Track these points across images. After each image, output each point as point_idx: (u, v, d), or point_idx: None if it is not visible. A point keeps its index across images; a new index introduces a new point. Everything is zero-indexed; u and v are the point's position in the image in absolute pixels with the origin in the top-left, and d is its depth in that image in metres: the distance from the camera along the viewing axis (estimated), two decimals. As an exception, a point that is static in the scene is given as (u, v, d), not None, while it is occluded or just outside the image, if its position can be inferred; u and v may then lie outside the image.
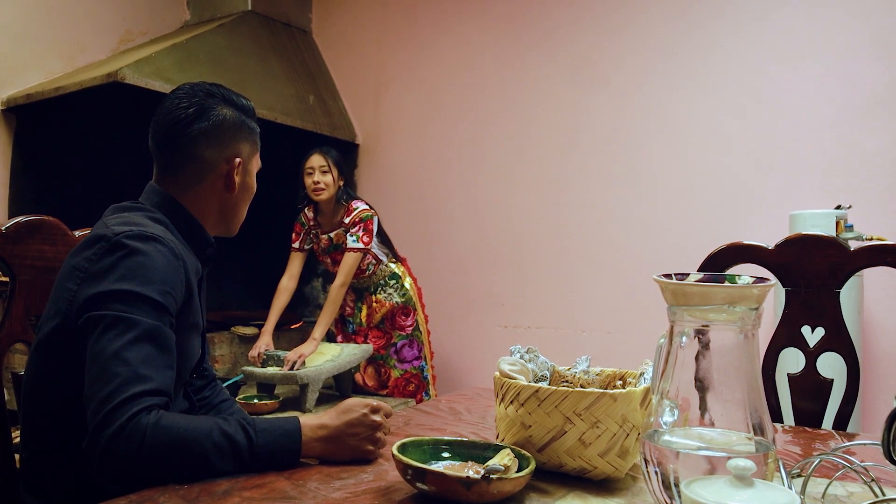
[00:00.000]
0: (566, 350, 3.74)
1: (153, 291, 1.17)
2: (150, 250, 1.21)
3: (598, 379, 1.27)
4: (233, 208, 1.46)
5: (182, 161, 1.38)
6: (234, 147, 1.41)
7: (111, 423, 1.03)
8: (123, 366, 1.08)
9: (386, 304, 3.49)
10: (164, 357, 1.15)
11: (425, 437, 1.12)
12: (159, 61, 3.37)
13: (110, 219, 1.32)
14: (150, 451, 1.02)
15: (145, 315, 1.14)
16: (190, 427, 1.06)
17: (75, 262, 1.25)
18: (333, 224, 3.46)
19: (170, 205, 1.38)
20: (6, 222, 1.50)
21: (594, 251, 3.69)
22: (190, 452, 1.04)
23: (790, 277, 1.68)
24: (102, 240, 1.23)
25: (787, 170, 3.24)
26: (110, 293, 1.15)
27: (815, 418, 1.64)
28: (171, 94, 1.41)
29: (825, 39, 3.18)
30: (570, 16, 3.80)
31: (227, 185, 1.41)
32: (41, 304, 1.54)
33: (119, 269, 1.18)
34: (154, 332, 1.14)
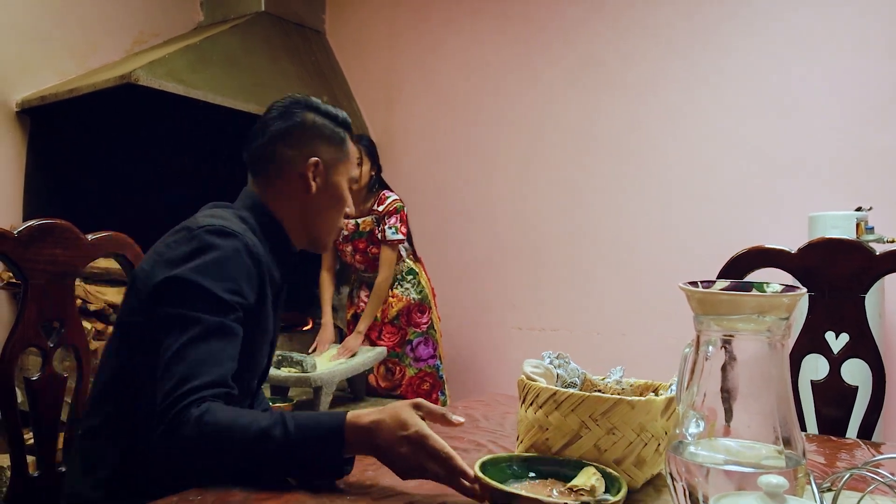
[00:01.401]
0: (581, 352, 3.70)
1: (220, 288, 1.20)
2: (226, 246, 1.25)
3: (630, 389, 1.24)
4: (316, 214, 1.46)
5: (262, 160, 1.44)
6: (312, 148, 1.43)
7: (163, 419, 1.08)
8: (182, 364, 1.12)
9: (403, 298, 3.46)
10: (227, 350, 1.18)
11: (503, 454, 1.07)
12: (172, 62, 3.36)
13: (201, 212, 1.40)
14: (190, 445, 1.06)
15: (208, 312, 1.18)
16: (232, 420, 1.07)
17: (156, 247, 1.33)
18: (362, 211, 3.43)
19: (256, 205, 1.43)
20: (20, 225, 1.48)
21: (609, 253, 3.66)
22: (227, 447, 1.06)
23: (813, 282, 1.65)
24: (185, 230, 1.30)
25: (805, 171, 3.19)
26: (179, 281, 1.20)
27: (840, 426, 1.60)
28: (269, 107, 1.48)
29: (840, 38, 3.14)
30: (583, 16, 3.77)
31: (304, 187, 1.43)
32: (54, 307, 1.53)
33: (193, 261, 1.22)
34: (216, 327, 1.17)
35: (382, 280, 3.37)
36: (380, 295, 3.37)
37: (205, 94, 3.41)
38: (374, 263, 3.43)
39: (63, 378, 1.56)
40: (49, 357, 1.53)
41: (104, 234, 1.65)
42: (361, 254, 3.44)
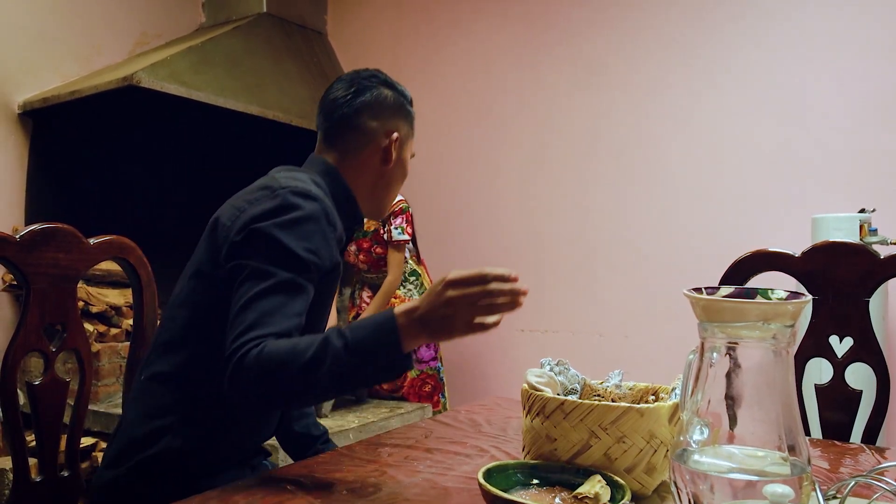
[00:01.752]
0: (584, 354, 3.70)
1: (298, 247, 1.23)
2: (308, 208, 1.28)
3: (630, 393, 1.24)
4: (386, 185, 1.51)
5: (345, 130, 1.46)
6: (393, 122, 1.48)
7: (231, 361, 1.13)
8: (251, 312, 1.16)
9: (406, 300, 3.46)
10: (295, 306, 1.20)
11: (510, 462, 1.07)
12: (174, 64, 3.36)
13: (278, 173, 1.40)
14: (259, 377, 1.10)
15: (284, 267, 1.21)
16: (292, 346, 1.12)
17: (235, 202, 1.35)
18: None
19: (330, 173, 1.45)
20: (22, 227, 1.48)
21: (613, 255, 3.65)
22: (293, 368, 1.09)
23: (817, 286, 1.64)
24: (267, 189, 1.31)
25: (808, 172, 3.19)
26: (260, 235, 1.23)
27: (844, 431, 1.60)
28: (336, 81, 1.52)
29: (845, 40, 3.13)
30: (588, 17, 3.76)
31: (385, 159, 1.47)
32: (56, 311, 1.53)
33: (275, 218, 1.25)
34: (289, 282, 1.20)
35: (391, 281, 3.36)
36: (387, 296, 3.36)
37: (207, 96, 3.40)
38: (377, 264, 3.42)
39: (65, 382, 1.55)
40: (51, 361, 1.53)
41: (106, 238, 1.65)
42: (365, 253, 3.44)
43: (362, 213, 1.51)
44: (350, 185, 1.46)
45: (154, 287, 1.74)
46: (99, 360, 3.31)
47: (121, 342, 3.39)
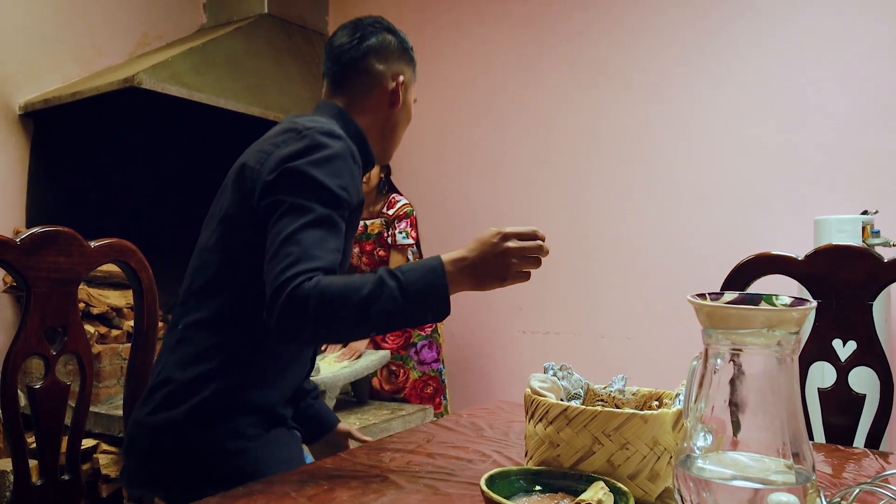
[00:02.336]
0: (586, 356, 3.70)
1: (333, 184, 1.27)
2: (336, 147, 1.32)
3: (633, 399, 1.23)
4: (392, 128, 1.55)
5: (353, 74, 1.49)
6: (398, 66, 1.52)
7: (281, 294, 1.15)
8: (296, 246, 1.19)
9: None
10: (333, 240, 1.25)
11: (512, 468, 1.06)
12: (175, 65, 3.36)
13: (297, 118, 1.42)
14: (315, 309, 1.14)
15: (321, 203, 1.25)
16: (347, 282, 1.17)
17: (260, 147, 1.38)
18: (371, 213, 3.44)
19: (342, 116, 1.47)
20: (23, 228, 1.48)
21: (614, 256, 3.64)
22: (348, 303, 1.15)
23: (821, 289, 1.63)
24: (292, 131, 1.35)
25: (811, 174, 3.18)
26: (295, 172, 1.27)
27: (847, 434, 1.59)
28: (339, 28, 1.55)
29: (848, 41, 3.12)
30: (589, 18, 3.76)
31: (393, 101, 1.51)
32: (57, 315, 1.53)
33: (307, 156, 1.29)
34: (326, 218, 1.25)
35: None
36: None
37: (208, 97, 3.40)
38: (379, 265, 3.42)
39: (66, 386, 1.55)
40: (52, 365, 1.53)
41: (107, 242, 1.65)
42: (368, 256, 3.43)
43: (373, 155, 1.54)
44: (361, 128, 1.49)
45: (155, 290, 1.74)
46: (100, 361, 3.31)
47: (122, 344, 3.38)
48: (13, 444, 1.42)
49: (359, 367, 3.24)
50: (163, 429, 1.35)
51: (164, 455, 1.36)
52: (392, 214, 3.39)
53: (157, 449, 1.37)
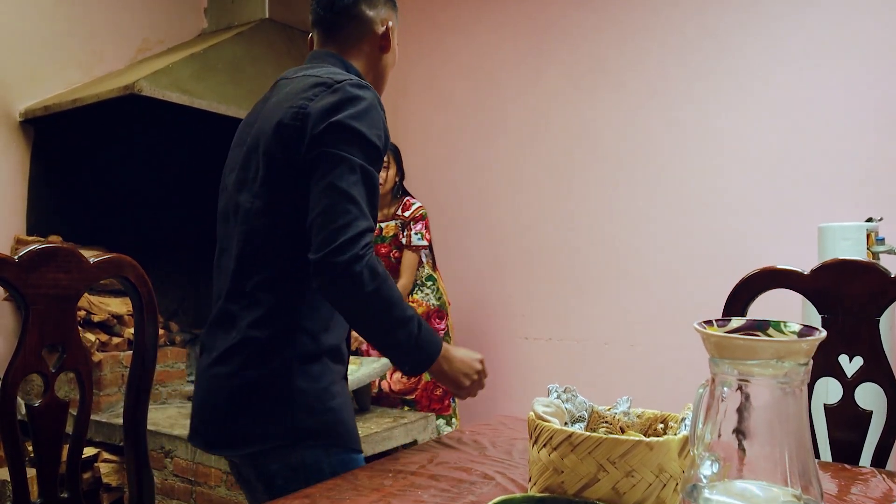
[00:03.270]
0: (589, 363, 3.68)
1: (373, 136, 1.36)
2: (369, 97, 1.39)
3: (638, 422, 1.21)
4: (382, 72, 1.61)
5: (345, 20, 1.54)
6: (386, 12, 1.58)
7: (345, 251, 1.26)
8: (352, 203, 1.29)
9: (423, 304, 3.44)
10: (375, 196, 1.36)
11: (516, 495, 1.04)
12: (176, 72, 3.34)
13: (311, 71, 1.46)
14: (367, 295, 1.28)
15: (365, 159, 1.33)
16: (399, 295, 1.35)
17: (291, 103, 1.38)
18: (386, 216, 3.45)
19: (344, 65, 1.52)
20: (22, 247, 1.47)
21: (617, 262, 3.63)
22: (393, 313, 1.33)
23: (827, 304, 1.62)
24: (322, 85, 1.38)
25: (815, 180, 3.16)
26: (340, 126, 1.32)
27: (854, 451, 1.58)
28: None
29: (852, 46, 3.10)
30: (590, 21, 3.74)
31: (383, 46, 1.58)
32: (56, 332, 1.52)
33: (346, 109, 1.34)
34: (370, 175, 1.34)
35: (404, 285, 3.37)
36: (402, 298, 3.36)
37: (208, 104, 3.39)
38: (395, 268, 3.41)
39: (65, 404, 1.54)
40: (51, 382, 1.52)
41: (106, 257, 1.63)
42: (384, 258, 3.42)
43: None
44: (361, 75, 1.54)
45: (155, 304, 1.72)
46: (100, 369, 3.30)
47: (123, 351, 3.37)
48: (12, 462, 1.41)
49: (360, 375, 3.22)
50: (252, 386, 1.39)
51: (254, 410, 1.39)
52: (408, 216, 3.41)
53: (244, 406, 1.40)
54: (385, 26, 1.57)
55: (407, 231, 3.38)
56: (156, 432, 3.03)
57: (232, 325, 1.43)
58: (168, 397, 3.53)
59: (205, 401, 1.49)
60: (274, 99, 1.46)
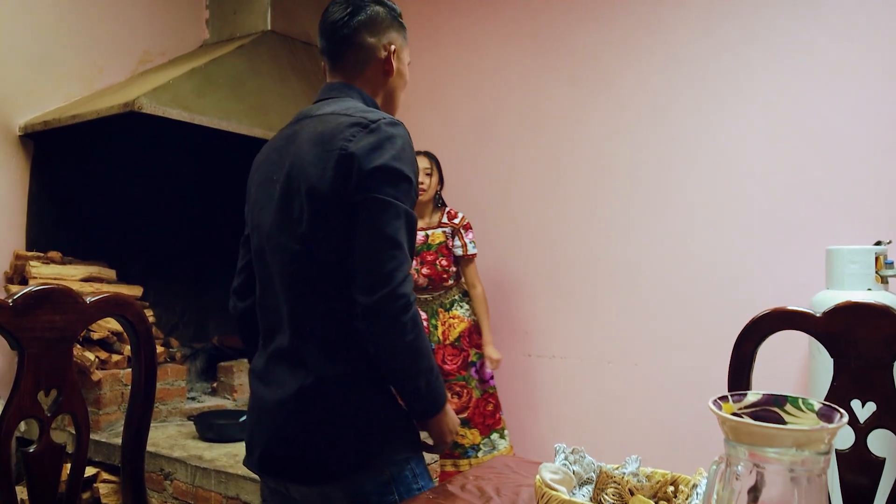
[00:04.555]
0: (592, 381, 3.65)
1: (411, 172, 1.42)
2: (403, 134, 1.45)
3: (647, 484, 1.18)
4: (391, 95, 1.65)
5: (347, 49, 1.57)
6: (388, 35, 1.60)
7: (395, 299, 1.34)
8: (398, 249, 1.36)
9: (465, 320, 3.40)
10: (413, 239, 1.43)
11: None
12: (177, 88, 3.31)
13: (337, 107, 1.49)
14: (406, 344, 1.37)
15: (408, 202, 1.40)
16: (427, 340, 1.44)
17: (332, 146, 1.41)
18: (430, 224, 3.44)
19: (360, 93, 1.56)
20: (15, 293, 1.44)
21: (621, 280, 3.59)
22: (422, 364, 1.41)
23: (839, 348, 1.58)
24: (357, 125, 1.42)
25: (823, 201, 3.11)
26: (386, 169, 1.37)
27: (866, 498, 1.54)
28: (331, 4, 1.60)
29: (863, 63, 3.06)
30: (597, 38, 3.70)
31: (387, 70, 1.60)
32: (52, 375, 1.49)
33: (387, 149, 1.39)
34: (412, 219, 1.41)
35: (482, 292, 3.43)
36: (485, 301, 3.43)
37: (210, 120, 3.35)
38: (440, 276, 3.36)
39: (61, 448, 1.51)
40: (46, 427, 1.48)
41: (103, 296, 1.60)
42: (430, 266, 3.37)
43: None
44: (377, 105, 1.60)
45: (153, 343, 1.69)
46: (100, 388, 3.27)
47: (122, 369, 3.35)
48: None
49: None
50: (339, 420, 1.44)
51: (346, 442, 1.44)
52: (458, 224, 3.41)
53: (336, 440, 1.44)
54: (388, 50, 1.59)
55: (461, 240, 3.39)
56: (155, 454, 3.00)
57: (299, 363, 1.46)
58: (168, 415, 3.50)
59: (284, 437, 1.48)
60: (304, 138, 1.47)
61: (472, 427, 3.31)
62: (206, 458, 2.94)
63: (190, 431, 3.30)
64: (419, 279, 3.37)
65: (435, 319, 3.36)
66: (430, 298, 3.38)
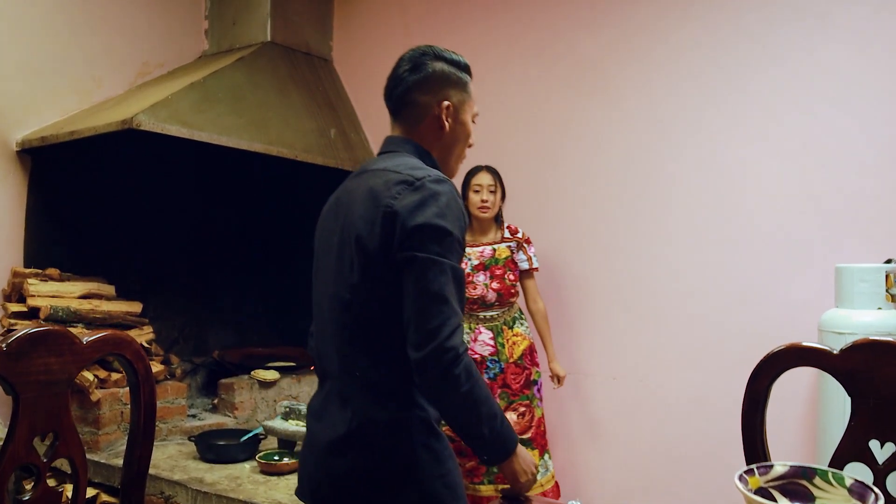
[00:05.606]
0: (598, 397, 3.61)
1: (456, 229, 1.45)
2: (449, 192, 1.48)
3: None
4: (448, 149, 1.68)
5: (402, 106, 1.64)
6: (444, 92, 1.64)
7: (444, 353, 1.37)
8: (445, 304, 1.39)
9: (526, 338, 3.32)
10: (462, 291, 1.46)
11: None
12: (176, 103, 3.26)
13: (390, 163, 1.54)
14: (463, 395, 1.39)
15: (453, 256, 1.43)
16: (485, 387, 1.45)
17: (378, 203, 1.46)
18: (494, 240, 3.38)
19: (418, 151, 1.62)
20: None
21: (628, 296, 3.54)
22: (482, 411, 1.43)
23: (857, 386, 1.53)
24: (404, 183, 1.46)
25: (831, 217, 3.06)
26: (429, 227, 1.41)
27: (885, 542, 1.50)
28: (400, 59, 1.68)
29: (872, 77, 3.01)
30: (600, 49, 3.65)
31: (440, 126, 1.64)
32: (48, 421, 1.45)
33: (430, 207, 1.43)
34: (458, 273, 1.44)
35: (544, 307, 3.39)
36: (547, 317, 3.40)
37: (209, 136, 3.31)
38: (508, 291, 3.29)
39: (58, 494, 1.47)
40: (42, 473, 1.44)
41: (101, 335, 1.56)
42: (499, 280, 3.29)
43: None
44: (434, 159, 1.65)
45: (152, 381, 1.65)
46: (99, 408, 3.22)
47: (122, 388, 3.30)
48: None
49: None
50: (382, 465, 1.49)
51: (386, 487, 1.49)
52: (521, 238, 3.37)
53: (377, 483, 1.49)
54: (440, 108, 1.63)
55: (525, 254, 3.35)
56: (155, 476, 2.96)
57: (349, 405, 1.52)
58: (168, 434, 3.46)
59: (333, 476, 1.54)
60: (359, 193, 1.53)
61: (534, 447, 3.24)
62: (208, 481, 2.90)
63: (190, 451, 3.26)
64: (489, 294, 3.29)
65: (501, 338, 3.29)
66: (495, 315, 3.30)
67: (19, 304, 3.35)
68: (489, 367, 3.24)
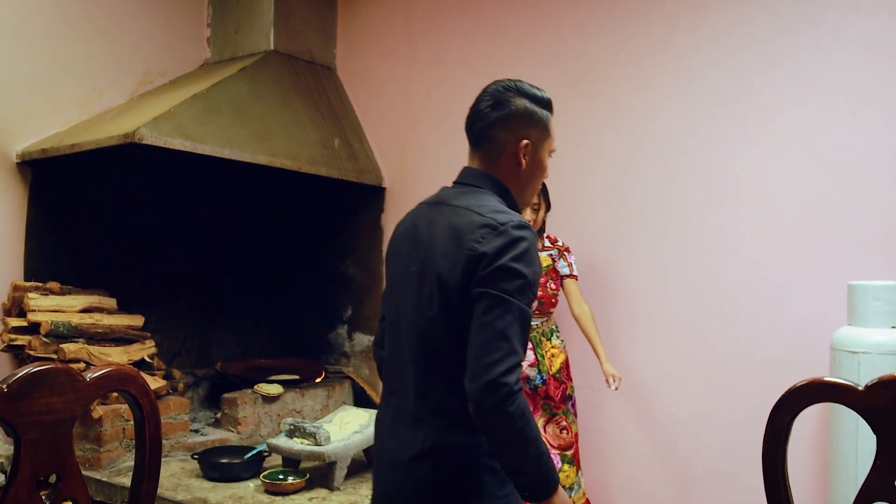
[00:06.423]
0: (603, 412, 3.57)
1: (530, 273, 1.52)
2: (529, 237, 1.55)
3: None
4: (523, 185, 1.74)
5: (484, 141, 1.72)
6: (523, 131, 1.69)
7: (498, 389, 1.42)
8: (506, 341, 1.45)
9: (562, 351, 3.27)
10: (526, 333, 1.52)
11: None
12: (178, 117, 3.22)
13: (472, 202, 1.62)
14: (515, 432, 1.44)
15: (521, 298, 1.49)
16: (536, 428, 1.49)
17: (462, 244, 1.54)
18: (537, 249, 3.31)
19: (497, 185, 1.69)
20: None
21: (635, 310, 3.50)
22: (531, 451, 1.47)
23: (883, 424, 1.49)
24: (487, 227, 1.54)
25: (844, 233, 3.02)
26: (505, 268, 1.49)
27: (911, 584, 1.46)
28: (483, 92, 1.75)
29: (886, 92, 2.97)
30: (609, 60, 3.61)
31: (517, 163, 1.69)
32: (51, 462, 1.40)
33: (510, 251, 1.50)
34: (525, 315, 1.50)
35: (589, 310, 3.30)
36: (594, 322, 3.30)
37: (212, 149, 3.27)
38: (550, 300, 3.24)
39: (61, 537, 1.43)
40: (45, 518, 1.40)
41: (104, 371, 1.51)
42: (542, 288, 3.23)
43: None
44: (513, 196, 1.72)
45: (158, 416, 1.61)
46: (101, 425, 3.19)
47: (123, 405, 3.26)
48: None
49: (370, 434, 3.11)
50: (447, 485, 1.58)
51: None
52: (562, 247, 3.33)
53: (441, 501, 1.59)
54: (518, 146, 1.68)
55: (566, 262, 3.31)
56: (159, 496, 2.91)
57: (421, 426, 1.59)
58: (171, 450, 3.41)
59: (404, 493, 1.62)
60: (440, 228, 1.61)
61: (574, 465, 3.18)
62: (212, 501, 2.86)
63: (193, 469, 3.22)
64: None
65: (540, 349, 3.22)
66: (535, 326, 3.23)
67: (20, 319, 3.31)
68: (530, 379, 3.17)
